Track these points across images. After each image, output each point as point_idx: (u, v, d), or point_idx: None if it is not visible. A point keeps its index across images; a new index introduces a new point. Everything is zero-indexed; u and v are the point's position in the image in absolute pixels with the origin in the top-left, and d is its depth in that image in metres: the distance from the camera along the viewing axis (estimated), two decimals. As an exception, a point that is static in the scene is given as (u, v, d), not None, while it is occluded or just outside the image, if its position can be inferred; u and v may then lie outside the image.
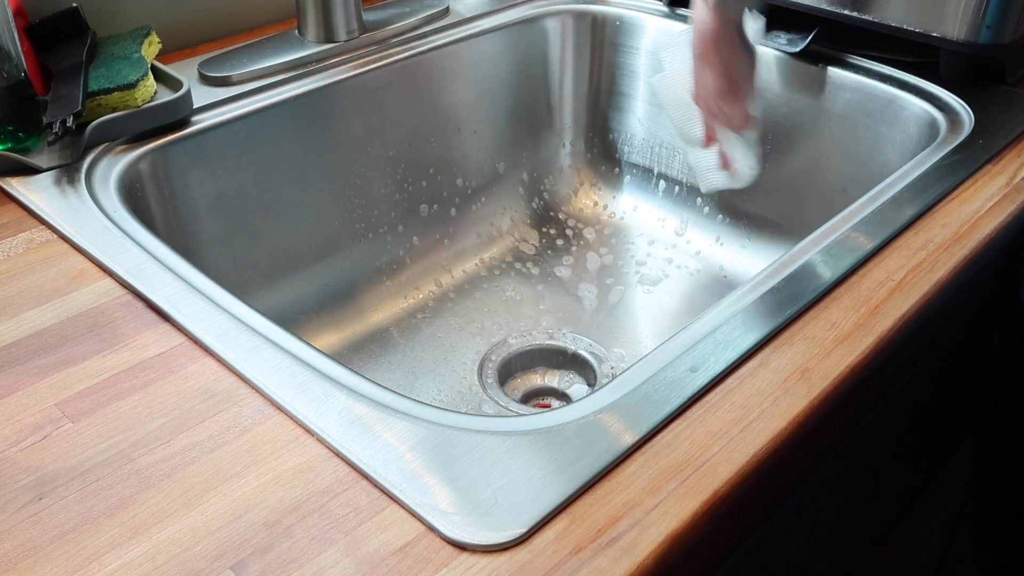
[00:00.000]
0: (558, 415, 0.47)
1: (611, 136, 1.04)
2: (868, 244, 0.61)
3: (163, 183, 0.74)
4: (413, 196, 0.93)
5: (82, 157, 0.69)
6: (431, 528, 0.41)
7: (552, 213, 1.02)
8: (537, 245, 0.99)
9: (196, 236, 0.77)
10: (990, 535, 0.86)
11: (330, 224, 0.87)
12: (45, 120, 0.68)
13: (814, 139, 0.90)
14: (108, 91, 0.71)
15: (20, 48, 0.68)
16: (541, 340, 0.87)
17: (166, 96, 0.74)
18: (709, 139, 0.85)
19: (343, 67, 0.85)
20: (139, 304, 0.55)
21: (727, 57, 0.77)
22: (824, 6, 0.85)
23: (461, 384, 0.82)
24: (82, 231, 0.61)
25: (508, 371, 0.85)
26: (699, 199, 0.99)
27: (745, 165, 0.84)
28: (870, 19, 0.83)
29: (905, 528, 0.88)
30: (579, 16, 1.01)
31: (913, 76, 0.84)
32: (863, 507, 0.76)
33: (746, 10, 0.78)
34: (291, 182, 0.83)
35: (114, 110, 0.71)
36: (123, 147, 0.72)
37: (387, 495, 0.43)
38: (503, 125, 0.99)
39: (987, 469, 0.85)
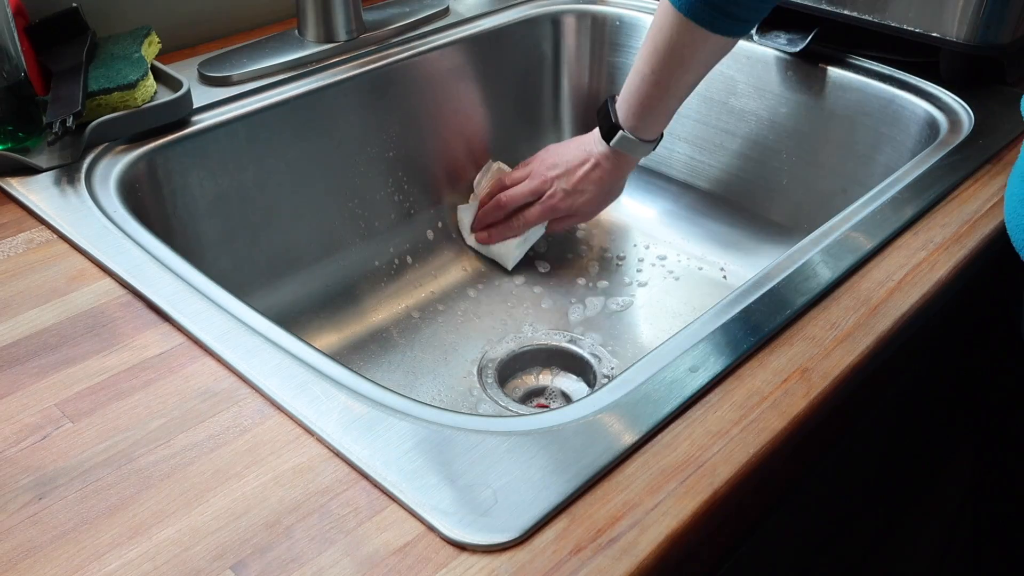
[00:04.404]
0: (558, 415, 0.47)
1: (611, 136, 1.04)
2: (868, 244, 0.61)
3: (163, 183, 0.74)
4: (413, 196, 0.93)
5: (82, 157, 0.69)
6: (431, 528, 0.41)
7: (552, 213, 1.02)
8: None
9: (196, 236, 0.77)
10: (990, 535, 0.86)
11: (330, 224, 0.87)
12: (45, 120, 0.68)
13: (814, 139, 0.90)
14: (108, 91, 0.71)
15: (20, 48, 0.68)
16: (540, 340, 0.87)
17: (166, 96, 0.74)
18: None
19: (343, 67, 0.85)
20: (139, 304, 0.55)
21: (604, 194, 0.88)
22: (824, 6, 0.85)
23: (461, 384, 0.82)
24: (82, 231, 0.61)
25: (508, 371, 0.85)
26: (699, 199, 0.99)
27: (512, 251, 0.92)
28: (870, 19, 0.83)
29: (905, 528, 0.88)
30: (579, 16, 1.01)
31: (913, 76, 0.84)
32: (863, 507, 0.76)
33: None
34: (291, 182, 0.83)
35: (114, 110, 0.71)
36: (123, 147, 0.72)
37: (387, 495, 0.43)
38: (503, 125, 0.99)
39: (988, 469, 0.85)
